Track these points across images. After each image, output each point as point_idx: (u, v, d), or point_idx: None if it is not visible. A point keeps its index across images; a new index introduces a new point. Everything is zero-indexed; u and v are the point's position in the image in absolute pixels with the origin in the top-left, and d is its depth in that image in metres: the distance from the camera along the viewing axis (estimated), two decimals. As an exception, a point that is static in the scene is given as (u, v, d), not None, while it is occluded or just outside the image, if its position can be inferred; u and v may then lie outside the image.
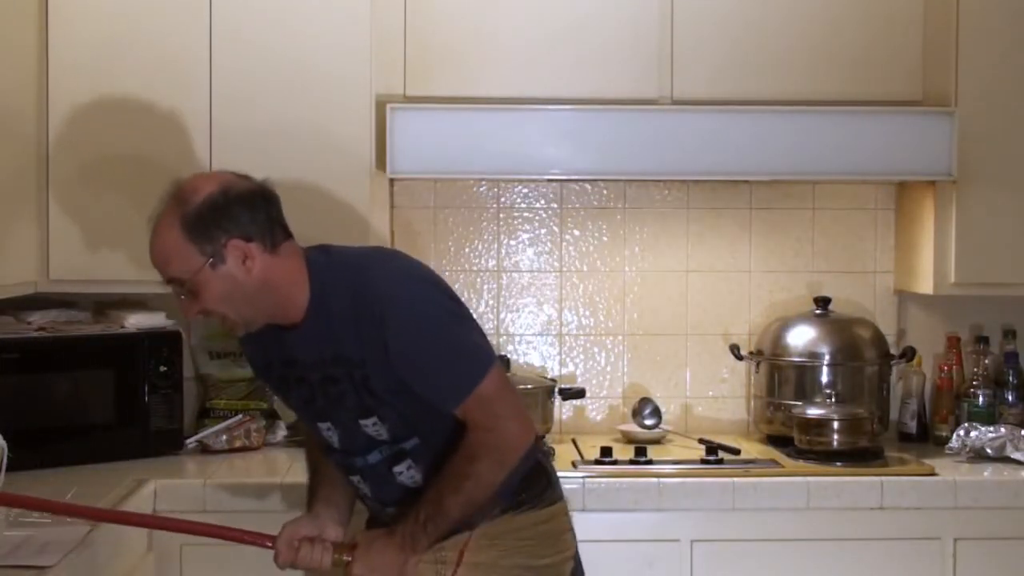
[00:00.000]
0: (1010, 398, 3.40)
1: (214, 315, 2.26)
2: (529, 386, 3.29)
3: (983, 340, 3.46)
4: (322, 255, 2.29)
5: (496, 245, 3.54)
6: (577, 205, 3.55)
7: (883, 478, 2.98)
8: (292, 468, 3.03)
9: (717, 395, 3.58)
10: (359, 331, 2.19)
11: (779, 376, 3.38)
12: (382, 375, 2.19)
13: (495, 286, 3.54)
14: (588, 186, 3.54)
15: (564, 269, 3.55)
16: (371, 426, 2.26)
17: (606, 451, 3.11)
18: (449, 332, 2.23)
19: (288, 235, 2.28)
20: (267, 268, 2.22)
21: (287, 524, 2.37)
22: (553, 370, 3.54)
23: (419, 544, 2.24)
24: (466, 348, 2.24)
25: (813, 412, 3.19)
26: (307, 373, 2.27)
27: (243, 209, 2.21)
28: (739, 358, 3.47)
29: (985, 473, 3.06)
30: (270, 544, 2.35)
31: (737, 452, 3.16)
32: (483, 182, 3.52)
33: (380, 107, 3.12)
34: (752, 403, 3.50)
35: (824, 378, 3.32)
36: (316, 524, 2.36)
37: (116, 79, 3.06)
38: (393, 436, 2.27)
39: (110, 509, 2.50)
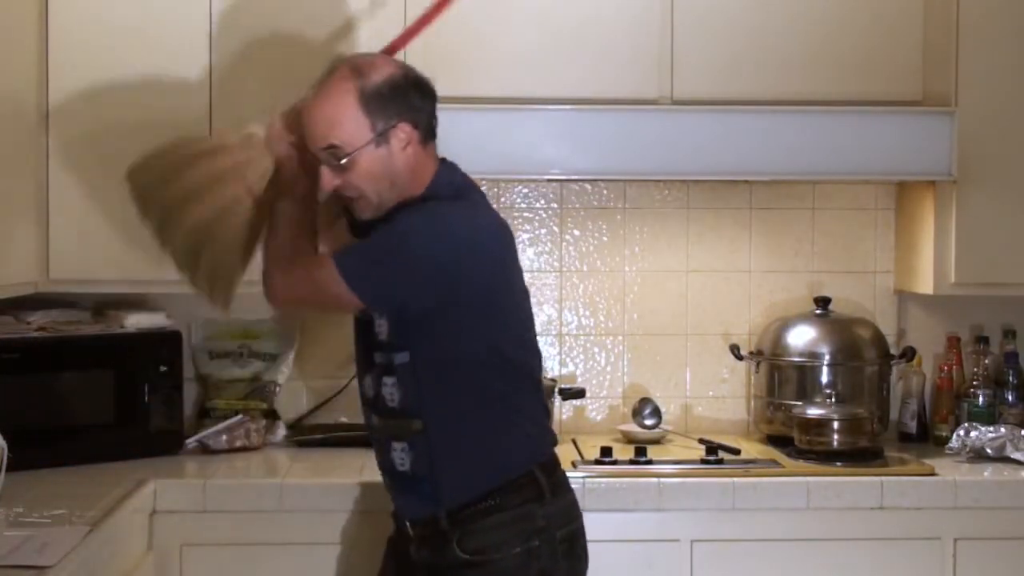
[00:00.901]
0: (1010, 398, 3.40)
1: (352, 191, 2.29)
2: (529, 386, 3.29)
3: (983, 340, 3.46)
4: (447, 172, 2.36)
5: (496, 245, 3.54)
6: (577, 205, 3.55)
7: (883, 478, 2.98)
8: (292, 468, 3.04)
9: (717, 395, 3.58)
10: None
11: (779, 376, 3.38)
12: None
13: (495, 286, 3.54)
14: (588, 186, 3.54)
15: (564, 269, 3.55)
16: (376, 322, 2.31)
17: (606, 451, 3.11)
18: (397, 246, 2.23)
19: (435, 134, 2.37)
20: (418, 159, 2.31)
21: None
22: (553, 370, 3.54)
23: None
24: (381, 258, 2.24)
25: (813, 412, 3.19)
26: None
27: (418, 96, 2.30)
28: (739, 358, 3.47)
29: (985, 473, 3.06)
30: None
31: (737, 452, 3.16)
32: (483, 182, 3.50)
33: (380, 107, 3.12)
34: (752, 403, 3.50)
35: (824, 378, 3.32)
36: None
37: (117, 79, 3.06)
38: (389, 341, 2.30)
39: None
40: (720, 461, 3.10)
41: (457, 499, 2.30)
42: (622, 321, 3.56)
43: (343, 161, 2.25)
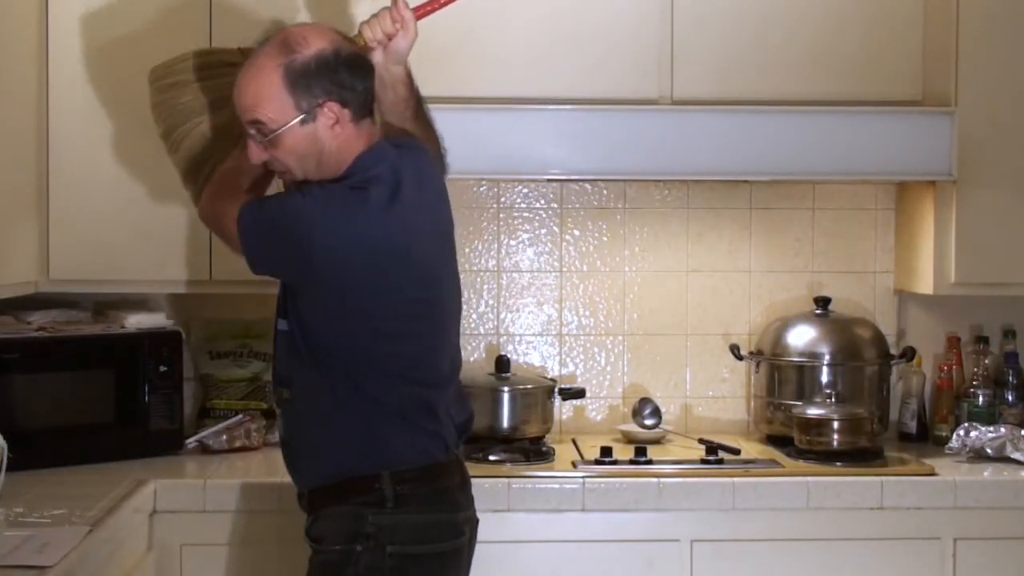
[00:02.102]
0: (1010, 398, 3.40)
1: (278, 165, 2.27)
2: (529, 386, 3.29)
3: (983, 340, 3.46)
4: (371, 157, 2.26)
5: (496, 245, 3.54)
6: (577, 205, 3.55)
7: (883, 478, 2.98)
8: (292, 468, 3.04)
9: (717, 395, 3.58)
10: None
11: (779, 376, 3.38)
12: None
13: (495, 286, 3.54)
14: (588, 186, 3.54)
15: (564, 269, 3.55)
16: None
17: (606, 451, 3.11)
18: (280, 229, 2.22)
19: (371, 112, 2.30)
20: (348, 137, 2.24)
21: None
22: (553, 370, 3.54)
23: None
24: (269, 221, 2.24)
25: (813, 412, 3.19)
26: None
27: (348, 74, 2.22)
28: (739, 358, 3.47)
29: (985, 473, 3.06)
30: None
31: (737, 452, 3.16)
32: (483, 182, 3.52)
33: (380, 107, 3.12)
34: (752, 403, 3.50)
35: (824, 378, 3.32)
36: None
37: (117, 79, 3.06)
38: (279, 306, 2.32)
39: None
40: (720, 461, 3.10)
41: (311, 480, 2.30)
42: (622, 321, 3.56)
43: (268, 138, 2.22)
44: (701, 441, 3.25)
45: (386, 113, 2.42)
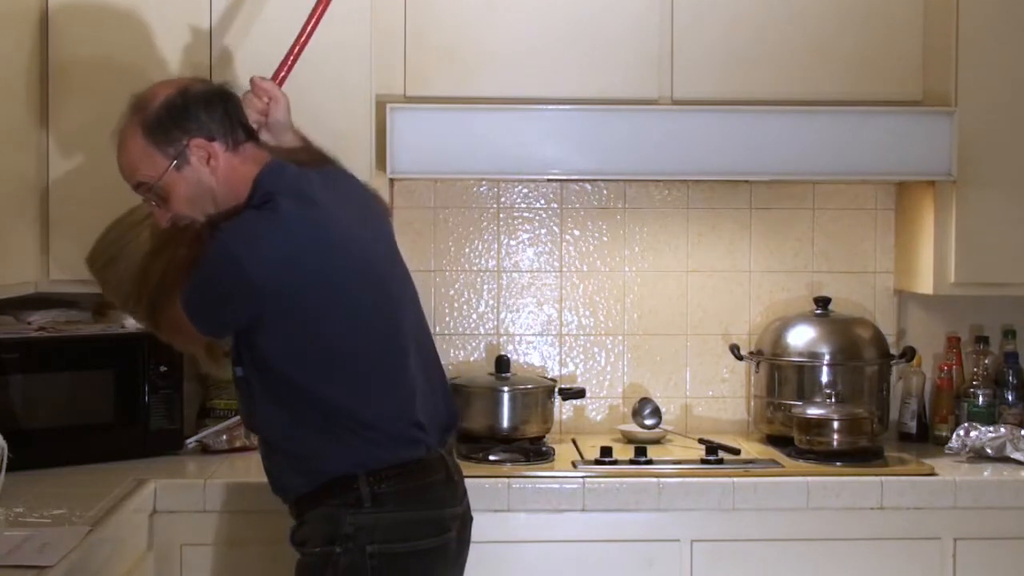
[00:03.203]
0: (1010, 398, 3.40)
1: (184, 219, 2.31)
2: (529, 386, 3.29)
3: (983, 340, 3.46)
4: (269, 175, 2.28)
5: (496, 245, 3.54)
6: (577, 205, 3.55)
7: (883, 478, 2.98)
8: (292, 468, 3.03)
9: (717, 395, 3.58)
10: None
11: (779, 376, 3.38)
12: None
13: (495, 286, 3.54)
14: (588, 186, 3.54)
15: (564, 269, 3.55)
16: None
17: (606, 451, 3.11)
18: (211, 281, 2.23)
19: (252, 137, 2.34)
20: (229, 167, 2.29)
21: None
22: (553, 370, 3.54)
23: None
24: (204, 296, 2.24)
25: (813, 412, 3.19)
26: None
27: (201, 109, 2.28)
28: (739, 358, 3.47)
29: (985, 473, 3.06)
30: None
31: (737, 452, 3.16)
32: (483, 182, 3.52)
33: (380, 107, 3.12)
34: (752, 403, 3.50)
35: (824, 378, 3.32)
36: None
37: (117, 79, 3.06)
38: (233, 355, 2.33)
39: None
40: (720, 461, 3.10)
41: (293, 491, 2.33)
42: (622, 321, 3.56)
43: (156, 193, 2.28)
44: (701, 441, 3.25)
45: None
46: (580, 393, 3.41)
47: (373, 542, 2.23)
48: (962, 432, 3.19)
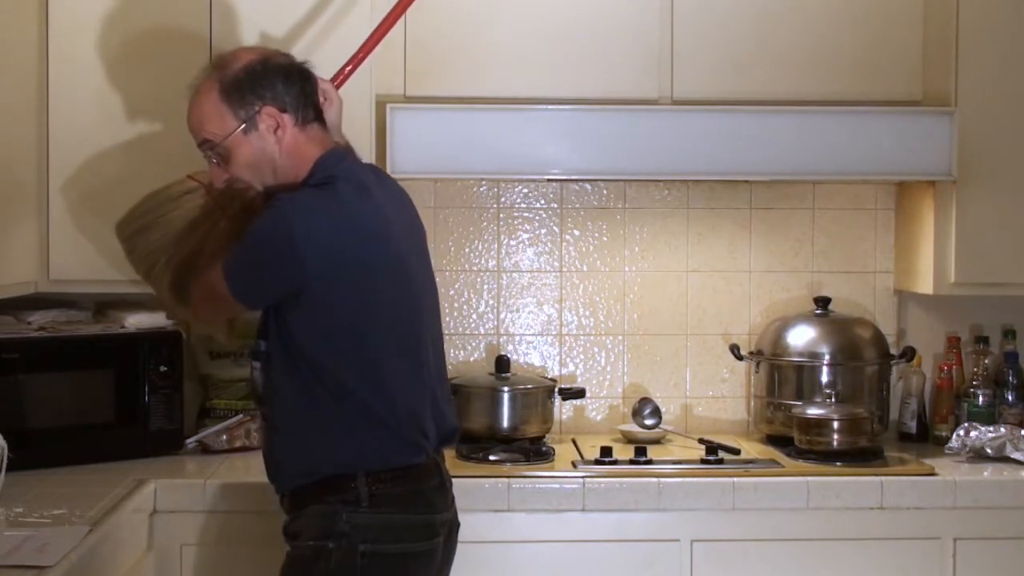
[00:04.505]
0: (1010, 398, 3.40)
1: (240, 183, 2.35)
2: (529, 386, 3.29)
3: (983, 340, 3.46)
4: (332, 158, 2.34)
5: (496, 245, 3.54)
6: (577, 205, 3.55)
7: (883, 478, 2.98)
8: (292, 468, 3.03)
9: (717, 395, 3.58)
10: None
11: (779, 376, 3.38)
12: None
13: (495, 286, 3.55)
14: (588, 186, 3.54)
15: (564, 269, 3.55)
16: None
17: (606, 451, 3.11)
18: (260, 246, 2.24)
19: (320, 119, 2.38)
20: (295, 142, 2.32)
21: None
22: (553, 370, 3.54)
23: None
24: (249, 262, 2.27)
25: (813, 412, 3.19)
26: None
27: (280, 79, 2.32)
28: (739, 358, 3.47)
29: (985, 473, 3.06)
30: None
31: (737, 452, 3.16)
32: (483, 182, 3.52)
33: (380, 107, 3.12)
34: (752, 403, 3.50)
35: (824, 378, 3.32)
36: None
37: (118, 79, 3.06)
38: (260, 328, 2.35)
39: None
40: (720, 461, 3.10)
41: (290, 481, 2.34)
42: (622, 321, 3.56)
43: (218, 152, 2.31)
44: (701, 441, 3.25)
45: None
46: (580, 393, 3.41)
47: (366, 541, 2.24)
48: (962, 432, 3.19)
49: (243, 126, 2.30)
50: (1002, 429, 3.19)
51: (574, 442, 3.35)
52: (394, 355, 2.30)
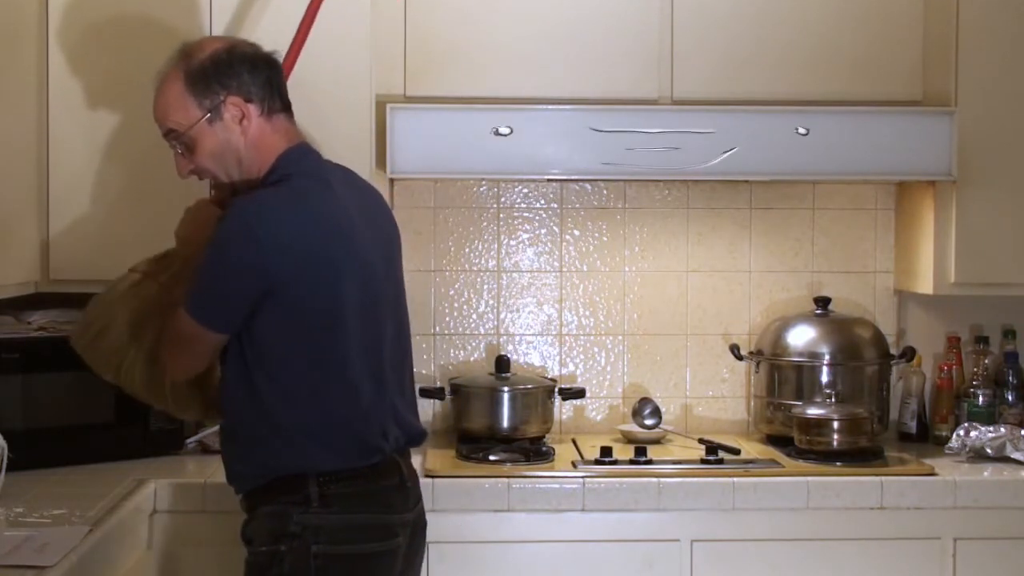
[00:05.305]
0: (1010, 398, 3.40)
1: (205, 174, 2.34)
2: (529, 386, 3.29)
3: (983, 340, 3.46)
4: (295, 154, 2.31)
5: (496, 245, 3.54)
6: (577, 205, 3.55)
7: (883, 478, 2.98)
8: (292, 468, 3.03)
9: (717, 395, 3.58)
10: None
11: (779, 376, 3.38)
12: None
13: (495, 286, 3.54)
14: (588, 186, 3.54)
15: (564, 269, 3.55)
16: None
17: (606, 451, 3.11)
18: (221, 255, 2.20)
19: (287, 109, 2.35)
20: (260, 132, 2.30)
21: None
22: (553, 370, 3.54)
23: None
24: (209, 285, 2.22)
25: (813, 412, 3.19)
26: None
27: (245, 69, 2.29)
28: (739, 358, 3.47)
29: (985, 473, 3.06)
30: None
31: (737, 452, 3.16)
32: (483, 182, 3.52)
33: (380, 107, 3.12)
34: (752, 403, 3.50)
35: (824, 378, 3.32)
36: None
37: (117, 79, 3.06)
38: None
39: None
40: (720, 461, 3.10)
41: (244, 482, 2.34)
42: (622, 321, 3.56)
43: (183, 141, 2.29)
44: (701, 441, 3.25)
45: None
46: (580, 393, 3.42)
47: (318, 543, 2.22)
48: (962, 432, 3.19)
49: (208, 116, 2.27)
50: (1002, 429, 3.19)
51: (574, 442, 3.35)
52: (352, 354, 2.26)
